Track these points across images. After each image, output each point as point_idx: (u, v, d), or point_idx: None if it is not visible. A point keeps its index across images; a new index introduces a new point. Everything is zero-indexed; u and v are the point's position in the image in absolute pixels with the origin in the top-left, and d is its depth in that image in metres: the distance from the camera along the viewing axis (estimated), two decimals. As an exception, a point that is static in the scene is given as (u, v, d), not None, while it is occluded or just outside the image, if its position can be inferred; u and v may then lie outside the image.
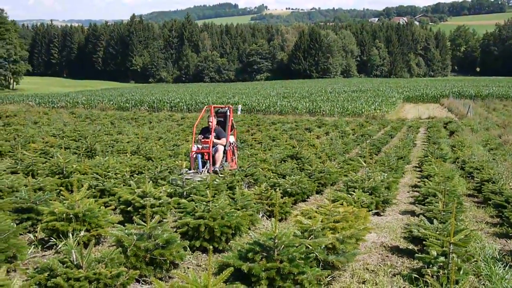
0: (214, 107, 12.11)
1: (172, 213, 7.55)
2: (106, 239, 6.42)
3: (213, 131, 11.44)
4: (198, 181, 9.18)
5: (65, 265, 4.23)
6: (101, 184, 8.83)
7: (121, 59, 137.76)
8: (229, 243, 6.09)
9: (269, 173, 11.28)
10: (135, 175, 10.96)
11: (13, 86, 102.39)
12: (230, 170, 11.01)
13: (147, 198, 6.99)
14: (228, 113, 12.13)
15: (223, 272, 3.54)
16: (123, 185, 8.93)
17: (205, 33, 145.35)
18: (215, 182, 8.73)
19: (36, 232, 6.44)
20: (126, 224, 5.44)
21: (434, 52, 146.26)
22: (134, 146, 15.70)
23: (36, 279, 3.93)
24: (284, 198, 8.37)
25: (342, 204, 6.66)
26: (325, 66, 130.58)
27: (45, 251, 5.95)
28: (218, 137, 11.55)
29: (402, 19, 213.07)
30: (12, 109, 43.50)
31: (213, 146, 11.28)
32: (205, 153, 11.21)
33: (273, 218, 4.66)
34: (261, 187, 8.64)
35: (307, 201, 9.91)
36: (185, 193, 8.20)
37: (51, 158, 12.24)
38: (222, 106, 12.74)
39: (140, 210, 6.95)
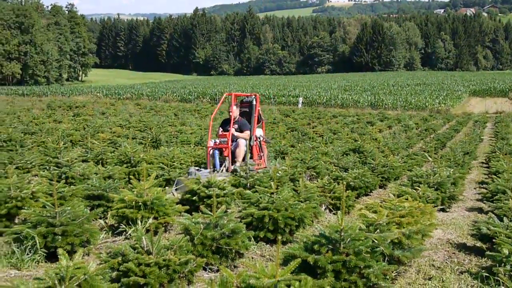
0: (235, 95, 10.39)
1: (236, 204, 7.65)
2: (173, 227, 6.60)
3: (232, 122, 9.68)
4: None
5: (136, 251, 4.37)
6: (167, 174, 9.06)
7: (184, 52, 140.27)
8: (293, 235, 6.12)
9: (331, 166, 11.19)
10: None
11: (81, 78, 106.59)
12: (256, 170, 9.23)
13: (212, 188, 7.10)
14: (254, 102, 10.36)
15: (291, 263, 3.57)
16: (188, 175, 9.10)
17: (267, 26, 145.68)
18: (278, 174, 8.75)
19: (107, 218, 6.69)
20: (193, 213, 5.58)
21: (503, 44, 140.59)
22: (197, 137, 15.97)
23: (110, 264, 4.10)
24: (347, 191, 8.30)
25: (407, 199, 6.56)
26: (388, 58, 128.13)
27: (115, 236, 6.16)
28: (241, 130, 9.83)
29: (469, 10, 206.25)
30: (81, 100, 45.31)
31: (233, 141, 9.60)
32: (224, 149, 9.47)
33: (338, 211, 4.65)
34: (324, 180, 8.60)
35: (370, 195, 9.80)
36: (249, 184, 8.28)
37: (119, 148, 12.64)
38: (247, 94, 11.15)
39: (205, 200, 7.08)
